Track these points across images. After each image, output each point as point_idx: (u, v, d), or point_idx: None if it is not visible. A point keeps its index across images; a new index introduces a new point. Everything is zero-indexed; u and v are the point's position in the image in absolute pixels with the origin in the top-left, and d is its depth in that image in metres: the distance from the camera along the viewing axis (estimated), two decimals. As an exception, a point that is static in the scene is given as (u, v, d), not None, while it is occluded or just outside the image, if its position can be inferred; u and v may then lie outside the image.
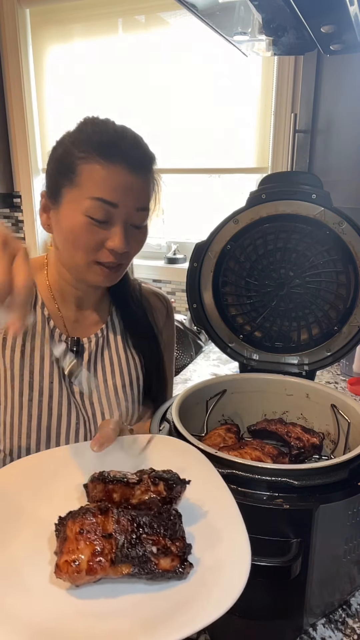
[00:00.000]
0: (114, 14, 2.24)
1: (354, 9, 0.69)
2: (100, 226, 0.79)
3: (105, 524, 0.49)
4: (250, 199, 0.86)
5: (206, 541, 0.52)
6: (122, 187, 0.78)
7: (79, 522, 0.49)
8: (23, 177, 2.62)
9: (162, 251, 2.51)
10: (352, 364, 1.56)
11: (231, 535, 0.51)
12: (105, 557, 0.47)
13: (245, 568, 0.46)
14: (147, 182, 0.83)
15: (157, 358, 1.01)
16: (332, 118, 1.52)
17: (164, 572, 0.47)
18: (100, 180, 0.77)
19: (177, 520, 0.50)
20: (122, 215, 0.80)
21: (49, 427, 0.87)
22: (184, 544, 0.49)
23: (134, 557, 0.47)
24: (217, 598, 0.45)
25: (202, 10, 0.82)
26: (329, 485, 0.61)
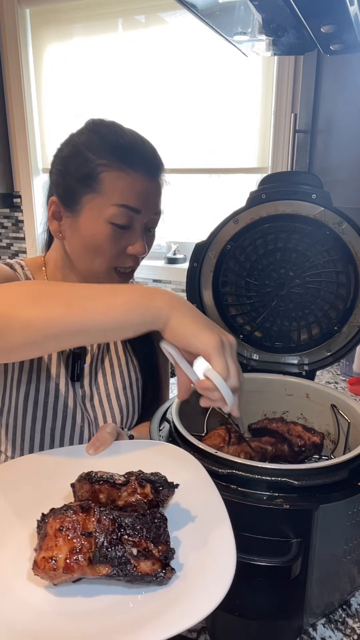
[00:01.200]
0: (114, 14, 2.24)
1: (354, 9, 0.69)
2: (122, 232, 0.81)
3: (86, 522, 0.48)
4: (250, 199, 0.86)
5: (191, 547, 0.51)
6: (144, 193, 0.80)
7: (60, 519, 0.48)
8: (23, 177, 2.62)
9: (162, 251, 2.51)
10: (352, 364, 1.56)
11: (217, 544, 0.50)
12: (84, 555, 0.46)
13: (227, 579, 0.45)
14: (160, 186, 0.85)
15: (153, 361, 1.01)
16: (332, 118, 1.52)
17: (143, 576, 0.46)
18: (125, 187, 0.79)
19: (162, 523, 0.49)
20: (143, 220, 0.82)
21: (53, 429, 0.86)
22: (167, 549, 0.47)
23: (113, 558, 0.46)
24: (194, 606, 0.44)
25: (202, 10, 0.82)
26: (329, 485, 0.61)
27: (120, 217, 0.79)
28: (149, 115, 2.27)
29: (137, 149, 0.81)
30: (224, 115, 2.17)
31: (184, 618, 0.42)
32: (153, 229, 0.87)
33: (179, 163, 2.29)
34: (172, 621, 0.42)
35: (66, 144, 0.84)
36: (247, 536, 0.58)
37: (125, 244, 0.82)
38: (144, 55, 2.24)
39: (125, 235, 0.81)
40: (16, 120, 2.53)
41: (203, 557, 0.49)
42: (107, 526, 0.47)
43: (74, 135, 0.84)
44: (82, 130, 0.83)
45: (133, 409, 0.96)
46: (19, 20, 2.39)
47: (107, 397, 0.92)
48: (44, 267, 0.93)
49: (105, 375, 0.94)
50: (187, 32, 2.12)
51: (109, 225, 0.79)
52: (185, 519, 0.54)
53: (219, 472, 0.62)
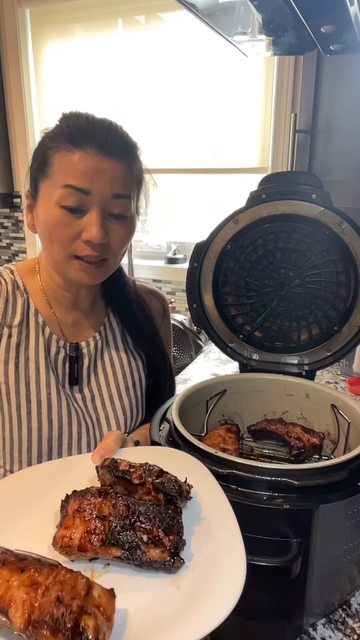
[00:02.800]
0: (114, 14, 2.24)
1: (354, 9, 0.69)
2: (74, 216, 0.76)
3: (102, 506, 0.51)
4: (250, 199, 0.86)
5: (200, 548, 0.51)
6: (94, 171, 0.75)
7: (79, 501, 0.52)
8: (23, 177, 2.61)
9: (162, 251, 2.51)
10: (352, 364, 1.56)
11: (227, 548, 0.51)
12: (97, 537, 0.49)
13: (237, 590, 0.45)
14: (124, 168, 0.78)
15: (161, 356, 1.00)
16: (332, 118, 1.52)
17: (152, 562, 0.48)
18: (70, 166, 0.75)
19: (176, 515, 0.51)
20: (97, 203, 0.76)
21: (50, 439, 0.85)
22: (178, 539, 0.49)
23: (124, 542, 0.49)
24: (208, 612, 0.44)
25: (202, 10, 0.82)
26: (329, 485, 0.61)
27: (67, 198, 0.75)
28: (149, 115, 2.27)
29: (90, 128, 0.77)
30: (224, 115, 2.17)
31: (199, 626, 0.42)
32: (122, 216, 0.80)
33: (179, 163, 2.29)
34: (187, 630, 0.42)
35: (39, 141, 0.84)
36: (247, 536, 0.58)
37: (79, 228, 0.77)
38: (144, 56, 2.24)
39: (79, 219, 0.77)
40: (16, 120, 2.53)
41: (213, 558, 0.50)
42: (121, 511, 0.51)
43: (46, 130, 0.83)
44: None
45: (137, 410, 0.95)
46: (19, 20, 2.39)
47: (109, 398, 0.91)
48: (37, 268, 0.91)
49: (106, 375, 0.92)
50: (187, 32, 2.12)
51: (58, 209, 0.76)
52: (194, 522, 0.55)
53: (219, 472, 0.62)
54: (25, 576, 0.42)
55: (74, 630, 0.38)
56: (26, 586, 0.41)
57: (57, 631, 0.38)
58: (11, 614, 0.40)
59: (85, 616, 0.39)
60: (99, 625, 0.40)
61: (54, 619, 0.39)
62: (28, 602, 0.40)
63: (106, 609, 0.41)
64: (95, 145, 0.75)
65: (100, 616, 0.40)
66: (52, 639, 0.39)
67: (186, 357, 2.09)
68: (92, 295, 0.94)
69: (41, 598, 0.40)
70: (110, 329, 0.95)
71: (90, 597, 0.41)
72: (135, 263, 2.43)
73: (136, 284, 1.04)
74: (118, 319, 0.97)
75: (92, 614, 0.40)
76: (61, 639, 0.38)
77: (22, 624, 0.40)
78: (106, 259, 0.82)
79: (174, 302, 2.41)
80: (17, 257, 2.84)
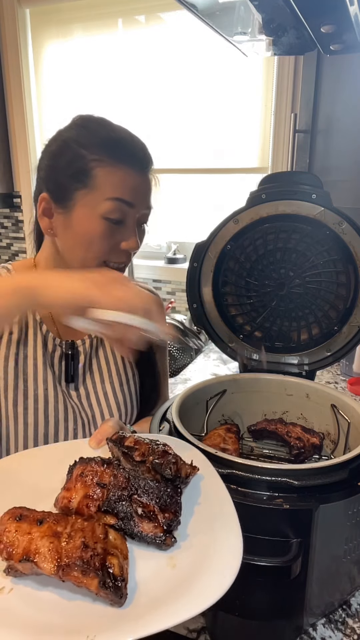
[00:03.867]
0: (114, 14, 2.24)
1: (354, 9, 0.69)
2: (115, 228, 0.81)
3: (104, 474, 0.54)
4: (250, 199, 0.86)
5: (197, 529, 0.52)
6: (137, 187, 0.81)
7: (83, 466, 0.55)
8: (23, 177, 2.62)
9: (162, 251, 2.51)
10: (352, 364, 1.56)
11: (224, 530, 0.51)
12: (94, 502, 0.52)
13: (233, 571, 0.46)
14: (150, 181, 0.85)
15: (148, 355, 1.01)
16: (332, 118, 1.52)
17: (144, 535, 0.50)
18: (118, 181, 0.79)
19: (174, 494, 0.52)
20: (135, 215, 0.82)
21: (46, 434, 0.86)
22: (172, 517, 0.50)
23: (119, 512, 0.51)
24: (202, 590, 0.44)
25: (202, 10, 0.82)
26: (329, 485, 0.61)
27: (114, 211, 0.79)
28: (149, 115, 2.27)
29: (127, 144, 0.81)
30: (224, 115, 2.17)
31: (191, 604, 0.43)
32: (144, 224, 0.87)
33: (179, 163, 2.29)
34: (177, 609, 0.43)
35: (54, 139, 0.84)
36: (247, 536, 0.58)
37: (118, 239, 0.82)
38: (144, 56, 2.24)
39: (118, 230, 0.81)
40: (16, 120, 2.53)
41: (210, 540, 0.50)
42: (121, 482, 0.53)
43: (63, 131, 0.83)
44: (70, 125, 0.83)
45: (131, 406, 0.96)
46: (19, 20, 2.39)
47: (104, 396, 0.92)
48: (34, 268, 0.91)
49: (101, 372, 0.93)
50: (187, 32, 2.12)
51: (103, 221, 0.79)
52: (194, 505, 0.55)
53: (219, 472, 0.62)
54: (45, 527, 0.47)
55: (103, 569, 0.44)
56: (49, 536, 0.46)
57: (88, 572, 0.44)
58: (39, 562, 0.45)
59: (109, 556, 0.45)
60: (121, 562, 0.45)
61: (84, 561, 0.44)
62: (54, 550, 0.45)
63: (122, 549, 0.47)
64: (137, 162, 0.81)
65: (119, 555, 0.46)
66: (83, 578, 0.44)
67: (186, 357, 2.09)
68: None
69: (66, 545, 0.45)
70: None
71: (109, 540, 0.47)
72: (135, 263, 2.43)
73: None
74: None
75: (114, 554, 0.46)
76: (93, 577, 0.43)
77: (53, 569, 0.44)
78: (128, 263, 0.87)
79: (174, 302, 2.41)
80: (17, 257, 2.84)
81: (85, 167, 0.78)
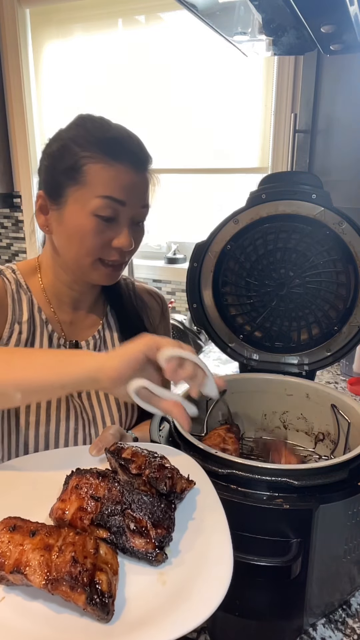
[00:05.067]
0: (114, 14, 2.24)
1: (354, 9, 0.69)
2: (107, 225, 0.80)
3: (98, 487, 0.53)
4: (250, 199, 0.86)
5: (189, 545, 0.52)
6: (130, 185, 0.80)
7: (79, 478, 0.55)
8: (23, 177, 2.62)
9: (162, 251, 2.51)
10: (352, 364, 1.55)
11: (215, 546, 0.51)
12: (88, 515, 0.51)
13: (221, 593, 0.45)
14: (147, 180, 0.84)
15: None
16: (332, 118, 1.52)
17: (135, 551, 0.49)
18: (109, 179, 0.78)
19: (168, 510, 0.52)
20: (129, 213, 0.81)
21: (47, 433, 0.86)
22: (165, 534, 0.50)
23: (112, 526, 0.51)
24: (193, 607, 0.44)
25: (202, 10, 0.82)
26: (329, 485, 0.61)
27: (104, 209, 0.78)
28: (149, 115, 2.27)
29: (122, 142, 0.80)
30: (224, 115, 2.17)
31: (184, 622, 0.42)
32: (141, 222, 0.86)
33: (179, 163, 2.29)
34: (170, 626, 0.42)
35: (54, 139, 0.84)
36: (247, 536, 0.58)
37: (111, 236, 0.81)
38: (144, 56, 2.24)
39: (110, 227, 0.81)
40: (16, 120, 2.54)
41: (201, 558, 0.50)
42: (115, 496, 0.52)
43: (62, 131, 0.84)
44: (70, 125, 0.84)
45: (132, 408, 0.96)
46: (19, 20, 2.39)
47: (105, 397, 0.92)
48: (38, 268, 0.92)
49: None
50: (187, 32, 2.12)
51: (94, 218, 0.79)
52: (187, 520, 0.55)
53: (219, 472, 0.62)
54: (37, 539, 0.47)
55: (91, 585, 0.43)
56: (40, 549, 0.46)
57: (76, 587, 0.43)
58: (29, 574, 0.45)
59: (98, 572, 0.45)
60: (109, 578, 0.45)
61: (72, 577, 0.44)
62: (44, 563, 0.45)
63: (112, 565, 0.47)
64: (131, 160, 0.80)
65: (109, 570, 0.46)
66: (71, 593, 0.44)
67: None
68: (94, 294, 0.95)
69: (56, 559, 0.45)
70: (108, 328, 0.97)
71: (99, 554, 0.47)
72: (135, 263, 2.43)
73: (135, 284, 1.04)
74: (115, 318, 0.98)
75: (103, 570, 0.45)
76: (80, 593, 0.43)
77: (42, 583, 0.44)
78: (125, 262, 0.86)
79: (174, 302, 2.41)
80: (17, 257, 2.84)
81: (77, 163, 0.79)
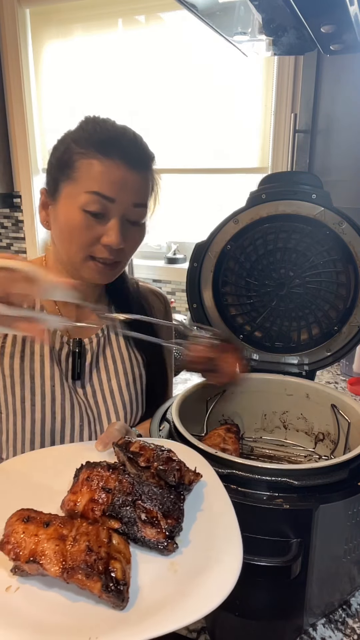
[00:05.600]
0: (114, 14, 2.24)
1: (354, 9, 0.69)
2: (96, 221, 0.80)
3: (109, 479, 0.54)
4: (250, 199, 0.86)
5: (198, 535, 0.52)
6: (119, 182, 0.79)
7: (89, 471, 0.56)
8: (23, 177, 2.62)
9: (162, 251, 2.50)
10: (352, 364, 1.56)
11: (224, 538, 0.51)
12: (99, 506, 0.52)
13: (232, 581, 0.46)
14: (144, 179, 0.83)
15: (160, 356, 1.01)
16: (332, 118, 1.52)
17: (146, 540, 0.50)
18: (98, 174, 0.78)
19: (177, 501, 0.53)
20: (119, 210, 0.80)
21: (52, 430, 0.86)
22: (175, 524, 0.51)
23: (123, 517, 0.52)
24: (203, 597, 0.45)
25: (202, 10, 0.82)
26: (329, 485, 0.61)
27: (92, 204, 0.78)
28: (150, 115, 2.27)
29: (115, 139, 0.80)
30: (224, 115, 2.17)
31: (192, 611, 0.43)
32: (138, 222, 0.85)
33: (179, 163, 2.29)
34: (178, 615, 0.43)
35: (59, 139, 0.85)
36: (247, 536, 0.58)
37: (100, 233, 0.80)
38: (144, 56, 2.24)
39: (100, 224, 0.80)
40: (16, 120, 2.53)
41: (211, 547, 0.51)
42: (125, 488, 0.53)
43: (67, 132, 0.85)
44: (76, 126, 0.85)
45: (137, 406, 0.96)
46: (19, 20, 2.39)
47: (110, 394, 0.92)
48: (44, 265, 0.93)
49: (108, 371, 0.93)
50: (187, 32, 2.12)
51: (82, 213, 0.79)
52: (196, 511, 0.56)
53: (219, 472, 0.62)
54: (51, 530, 0.48)
55: (106, 573, 0.44)
56: (55, 539, 0.47)
57: (91, 575, 0.44)
58: (45, 564, 0.46)
59: (112, 560, 0.46)
60: (123, 567, 0.46)
61: (88, 565, 0.45)
62: (59, 552, 0.46)
63: (125, 554, 0.48)
64: (123, 157, 0.79)
65: (122, 559, 0.47)
66: (87, 581, 0.45)
67: (186, 357, 2.09)
68: (97, 293, 0.95)
69: (71, 548, 0.46)
70: (112, 326, 0.97)
71: (112, 544, 0.48)
72: (136, 263, 2.43)
73: (139, 284, 1.05)
74: None
75: (117, 559, 0.46)
76: (96, 581, 0.44)
77: (58, 572, 0.45)
78: (119, 261, 0.86)
79: (174, 302, 2.41)
80: (17, 257, 2.84)
81: (70, 159, 0.80)
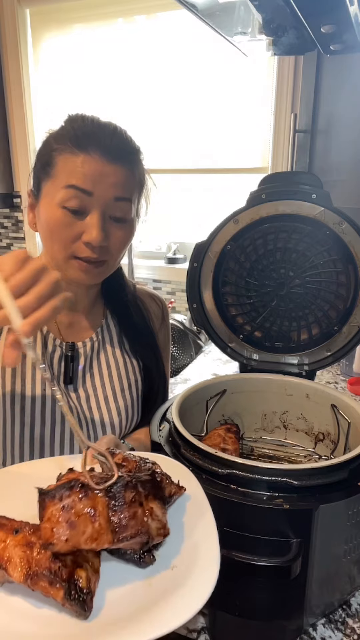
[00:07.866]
0: (114, 14, 2.24)
1: (354, 9, 0.69)
2: (76, 217, 0.78)
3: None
4: (250, 199, 0.86)
5: (177, 546, 0.52)
6: (97, 175, 0.76)
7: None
8: (23, 177, 2.62)
9: (162, 251, 2.51)
10: (352, 364, 1.56)
11: (203, 556, 0.50)
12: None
13: (204, 597, 0.45)
14: (127, 172, 0.80)
15: (157, 361, 1.00)
16: (332, 118, 1.52)
17: (122, 552, 0.50)
18: (73, 168, 0.76)
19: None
20: (98, 205, 0.78)
21: (42, 435, 0.85)
22: None
23: None
24: (182, 602, 0.44)
25: (202, 10, 0.82)
26: (329, 485, 0.61)
27: (70, 199, 0.76)
28: (150, 115, 2.27)
29: (95, 132, 0.78)
30: (224, 115, 2.17)
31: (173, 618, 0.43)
32: (123, 219, 0.81)
33: (179, 163, 2.29)
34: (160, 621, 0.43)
35: (43, 140, 0.85)
36: (247, 536, 0.58)
37: (80, 230, 0.78)
38: (144, 56, 2.24)
39: (80, 220, 0.78)
40: (16, 120, 2.53)
41: (189, 561, 0.50)
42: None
43: (50, 131, 0.84)
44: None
45: (133, 411, 0.95)
46: (19, 20, 2.39)
47: (104, 399, 0.91)
48: None
49: (102, 376, 0.92)
50: (187, 32, 2.12)
51: (61, 210, 0.77)
52: (176, 525, 0.54)
53: (219, 472, 0.62)
54: (20, 536, 0.48)
55: (70, 581, 0.44)
56: (22, 545, 0.47)
57: (55, 582, 0.44)
58: (10, 570, 0.46)
59: (78, 568, 0.45)
60: (89, 575, 0.46)
61: (52, 572, 0.44)
62: (25, 559, 0.46)
63: (94, 563, 0.48)
64: (100, 149, 0.77)
65: (89, 568, 0.46)
66: (50, 588, 0.44)
67: (186, 357, 2.09)
68: (91, 296, 0.94)
69: (37, 555, 0.46)
70: (107, 330, 0.96)
71: (81, 552, 0.47)
72: (135, 263, 2.43)
73: (136, 287, 1.03)
74: (116, 320, 0.97)
75: (83, 567, 0.46)
76: (59, 588, 0.44)
77: (21, 577, 0.45)
78: (105, 260, 0.83)
79: (174, 302, 2.41)
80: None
81: (49, 157, 0.79)
